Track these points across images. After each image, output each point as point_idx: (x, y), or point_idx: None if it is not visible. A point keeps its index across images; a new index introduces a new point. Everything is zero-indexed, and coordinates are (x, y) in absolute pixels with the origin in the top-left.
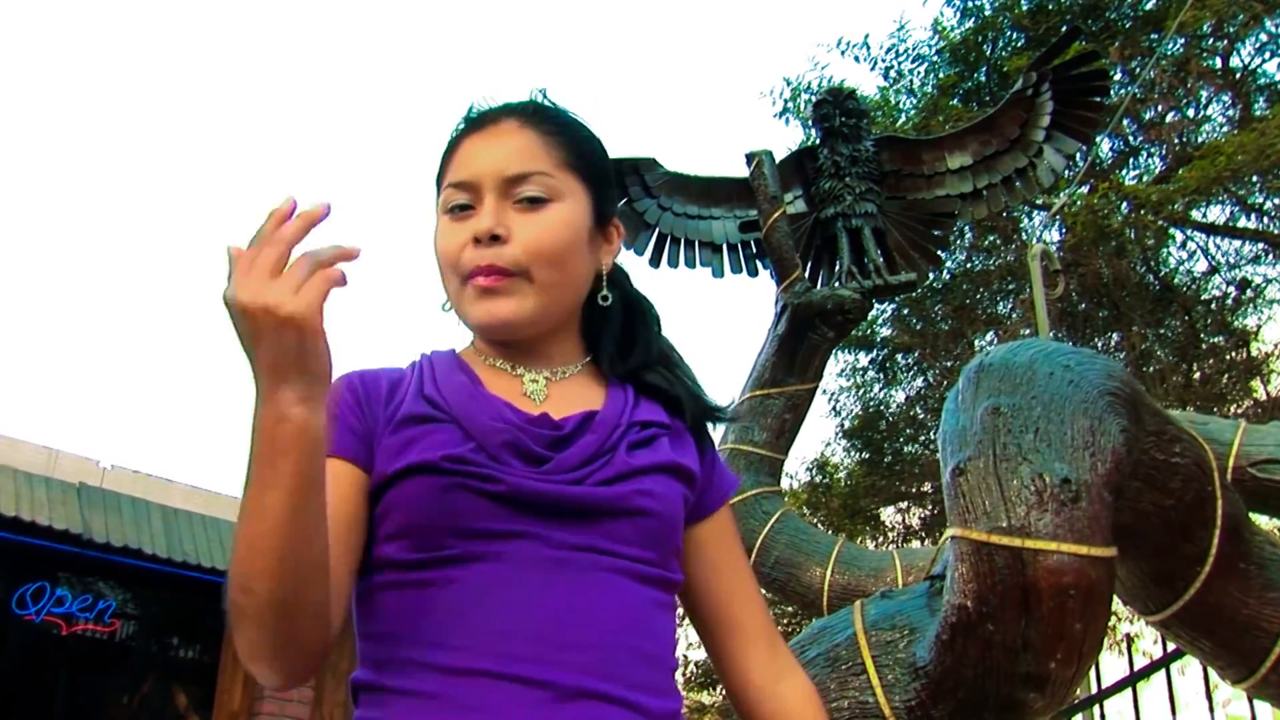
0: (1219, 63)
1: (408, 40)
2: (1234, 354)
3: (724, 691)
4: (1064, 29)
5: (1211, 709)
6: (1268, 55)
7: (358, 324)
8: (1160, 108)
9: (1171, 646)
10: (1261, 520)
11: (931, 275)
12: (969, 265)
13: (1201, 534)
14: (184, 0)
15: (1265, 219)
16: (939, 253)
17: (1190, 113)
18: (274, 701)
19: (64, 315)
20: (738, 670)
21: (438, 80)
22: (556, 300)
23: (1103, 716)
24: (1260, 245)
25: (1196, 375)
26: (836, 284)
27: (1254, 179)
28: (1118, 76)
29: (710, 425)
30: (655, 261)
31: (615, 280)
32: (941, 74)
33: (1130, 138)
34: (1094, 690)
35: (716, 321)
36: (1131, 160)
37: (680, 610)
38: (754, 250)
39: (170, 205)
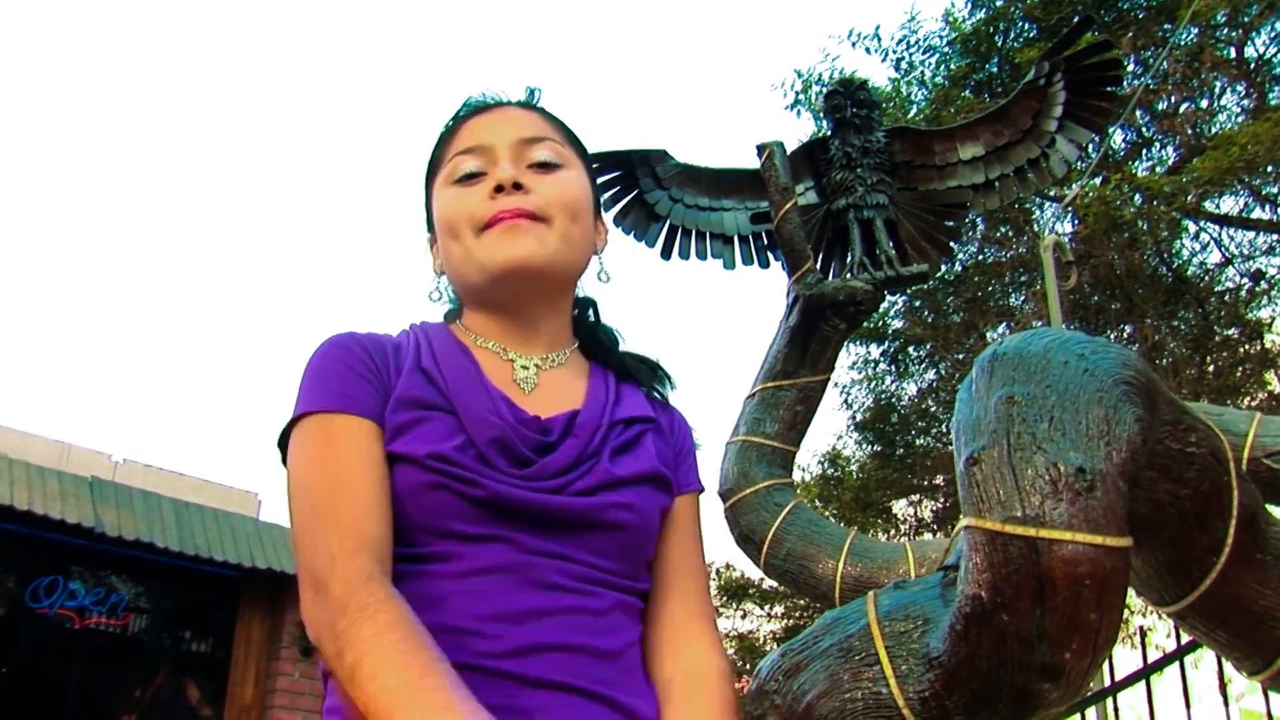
0: (1233, 52)
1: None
2: (1248, 346)
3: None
4: (1076, 19)
5: (1226, 702)
6: None
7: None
8: (1173, 98)
9: (1185, 639)
10: (1278, 511)
11: (944, 267)
12: (981, 257)
13: (1217, 524)
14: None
15: (1279, 210)
16: (951, 244)
17: (1204, 103)
18: (286, 695)
19: (75, 309)
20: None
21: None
22: (570, 254)
23: (1116, 709)
24: (1274, 236)
25: (1210, 368)
26: (848, 275)
27: (1268, 169)
28: (1131, 67)
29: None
30: (666, 254)
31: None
32: (953, 65)
33: (1143, 128)
34: (1107, 683)
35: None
36: (1144, 151)
37: None
38: (765, 242)
39: (181, 199)
